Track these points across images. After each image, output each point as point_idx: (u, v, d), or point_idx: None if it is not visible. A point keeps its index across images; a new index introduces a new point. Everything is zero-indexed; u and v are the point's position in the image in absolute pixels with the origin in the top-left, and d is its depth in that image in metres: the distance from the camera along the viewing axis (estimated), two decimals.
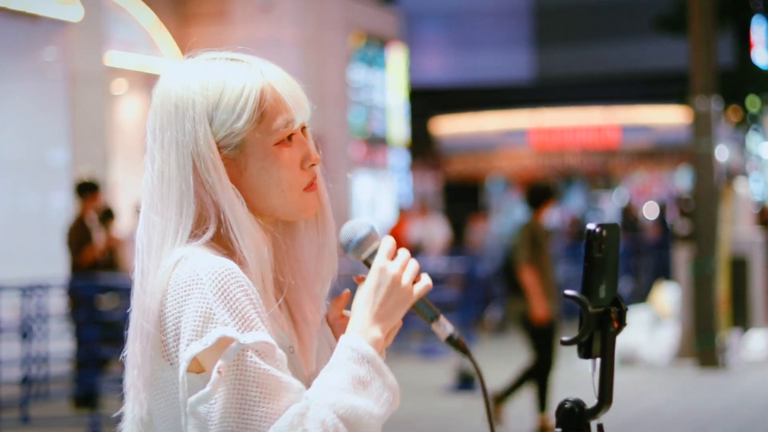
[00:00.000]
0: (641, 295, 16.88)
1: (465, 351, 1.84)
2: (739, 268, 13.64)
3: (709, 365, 12.31)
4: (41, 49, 12.82)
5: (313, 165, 1.93)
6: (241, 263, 1.83)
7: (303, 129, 1.96)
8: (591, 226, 1.82)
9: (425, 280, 1.88)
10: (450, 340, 1.85)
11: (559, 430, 1.84)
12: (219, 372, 1.74)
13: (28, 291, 10.53)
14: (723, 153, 13.98)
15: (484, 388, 1.85)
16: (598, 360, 1.85)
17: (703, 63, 12.78)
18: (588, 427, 1.85)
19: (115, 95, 15.49)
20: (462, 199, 28.35)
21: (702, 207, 12.69)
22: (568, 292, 1.82)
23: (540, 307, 8.80)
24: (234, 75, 1.89)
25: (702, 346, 12.39)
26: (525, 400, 9.72)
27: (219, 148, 1.88)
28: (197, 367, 1.77)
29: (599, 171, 30.25)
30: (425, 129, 28.67)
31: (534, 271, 8.81)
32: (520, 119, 29.54)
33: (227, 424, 1.73)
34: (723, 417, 9.31)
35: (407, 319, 1.93)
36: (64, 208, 12.69)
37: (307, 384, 1.87)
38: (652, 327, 13.43)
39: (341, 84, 19.79)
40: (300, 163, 1.92)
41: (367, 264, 1.89)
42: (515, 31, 29.80)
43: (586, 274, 1.82)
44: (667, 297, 14.03)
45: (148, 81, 15.46)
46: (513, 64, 29.54)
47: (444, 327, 1.86)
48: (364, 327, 1.83)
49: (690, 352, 12.63)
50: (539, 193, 9.16)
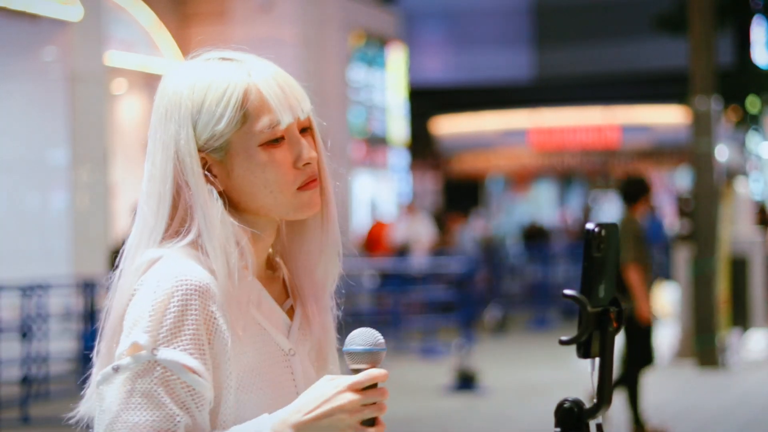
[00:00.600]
0: None
1: None
2: (739, 268, 13.64)
3: (709, 365, 12.31)
4: (41, 49, 12.81)
5: (308, 164, 1.90)
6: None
7: (308, 128, 1.93)
8: (590, 225, 1.82)
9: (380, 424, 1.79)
10: None
11: (558, 429, 1.85)
12: (114, 369, 1.76)
13: (28, 291, 10.52)
14: (723, 153, 13.98)
15: None
16: (597, 360, 1.85)
17: (703, 63, 12.78)
18: (587, 427, 1.85)
19: (115, 95, 15.48)
20: (462, 199, 28.36)
21: (702, 207, 12.69)
22: (567, 291, 1.82)
23: (646, 307, 8.58)
24: (219, 77, 1.87)
25: (702, 346, 12.39)
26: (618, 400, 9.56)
27: (205, 150, 1.87)
28: None
29: (599, 171, 30.25)
30: (425, 129, 28.68)
31: (639, 270, 8.58)
32: (519, 119, 29.54)
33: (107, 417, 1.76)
34: (723, 417, 9.31)
35: (407, 319, 1.92)
36: (64, 208, 12.69)
37: (307, 385, 1.86)
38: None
39: (341, 84, 19.79)
40: (293, 163, 1.89)
41: (349, 363, 1.81)
42: (515, 31, 29.80)
43: (585, 273, 1.82)
44: (667, 297, 14.03)
45: (148, 81, 15.45)
46: (513, 63, 29.54)
47: None
48: (285, 421, 1.77)
49: (690, 352, 12.63)
50: (635, 188, 8.85)
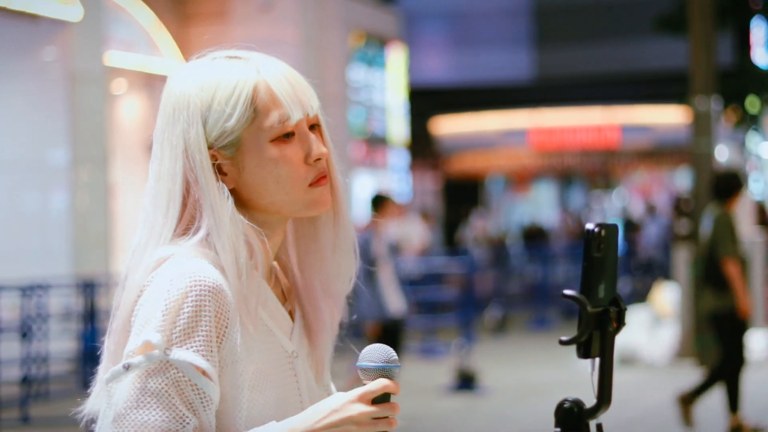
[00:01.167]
0: (641, 295, 16.88)
1: None
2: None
3: (709, 365, 12.29)
4: (41, 49, 12.81)
5: (318, 160, 1.90)
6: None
7: (316, 125, 1.93)
8: (590, 225, 1.82)
9: None
10: None
11: (558, 429, 1.85)
12: (125, 367, 1.75)
13: (28, 291, 10.52)
14: (723, 153, 13.98)
15: None
16: (597, 360, 1.85)
17: (703, 63, 12.78)
18: (587, 427, 1.85)
19: (115, 95, 15.47)
20: (462, 199, 28.36)
21: (702, 207, 12.69)
22: (567, 291, 1.82)
23: (745, 302, 8.58)
24: (228, 74, 1.87)
25: (702, 346, 12.38)
26: (715, 400, 9.45)
27: (215, 147, 1.86)
28: None
29: (599, 171, 30.25)
30: (425, 129, 28.66)
31: (737, 264, 8.56)
32: (519, 119, 29.54)
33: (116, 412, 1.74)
34: (723, 417, 9.31)
35: (407, 319, 1.92)
36: (64, 208, 12.69)
37: (309, 388, 1.87)
38: (652, 327, 13.43)
39: (341, 84, 19.78)
40: (304, 159, 1.89)
41: (362, 379, 1.81)
42: (515, 31, 29.79)
43: (585, 273, 1.82)
44: (667, 297, 14.02)
45: (148, 81, 15.44)
46: (513, 64, 29.53)
47: None
48: (293, 430, 1.78)
49: (690, 352, 12.63)
50: (729, 183, 8.80)
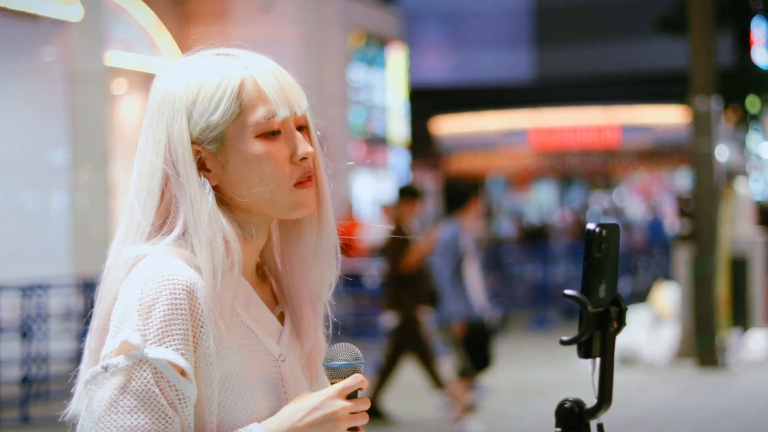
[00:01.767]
0: (641, 295, 16.88)
1: None
2: (739, 268, 13.63)
3: (709, 365, 12.30)
4: (41, 49, 12.81)
5: (304, 159, 1.85)
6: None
7: (304, 127, 1.89)
8: (591, 225, 1.82)
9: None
10: None
11: (559, 429, 1.84)
12: (104, 368, 1.74)
13: (28, 291, 10.51)
14: (723, 153, 13.98)
15: None
16: (597, 360, 1.85)
17: (703, 63, 12.77)
18: (588, 427, 1.84)
19: (115, 95, 15.47)
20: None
21: (702, 207, 12.69)
22: (567, 291, 1.81)
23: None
24: (214, 69, 1.85)
25: (702, 346, 12.38)
26: None
27: (199, 142, 1.83)
28: None
29: (599, 171, 30.25)
30: (425, 129, 28.67)
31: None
32: (520, 119, 29.54)
33: (93, 414, 1.76)
34: (723, 417, 9.31)
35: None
36: (64, 208, 12.68)
37: (298, 392, 1.86)
38: (652, 327, 13.42)
39: (341, 84, 19.79)
40: (289, 157, 1.84)
41: (330, 379, 1.83)
42: (515, 31, 29.80)
43: (585, 273, 1.81)
44: (667, 297, 14.02)
45: (148, 81, 15.39)
46: (513, 63, 29.53)
47: None
48: (276, 430, 1.78)
49: (690, 352, 12.63)
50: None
